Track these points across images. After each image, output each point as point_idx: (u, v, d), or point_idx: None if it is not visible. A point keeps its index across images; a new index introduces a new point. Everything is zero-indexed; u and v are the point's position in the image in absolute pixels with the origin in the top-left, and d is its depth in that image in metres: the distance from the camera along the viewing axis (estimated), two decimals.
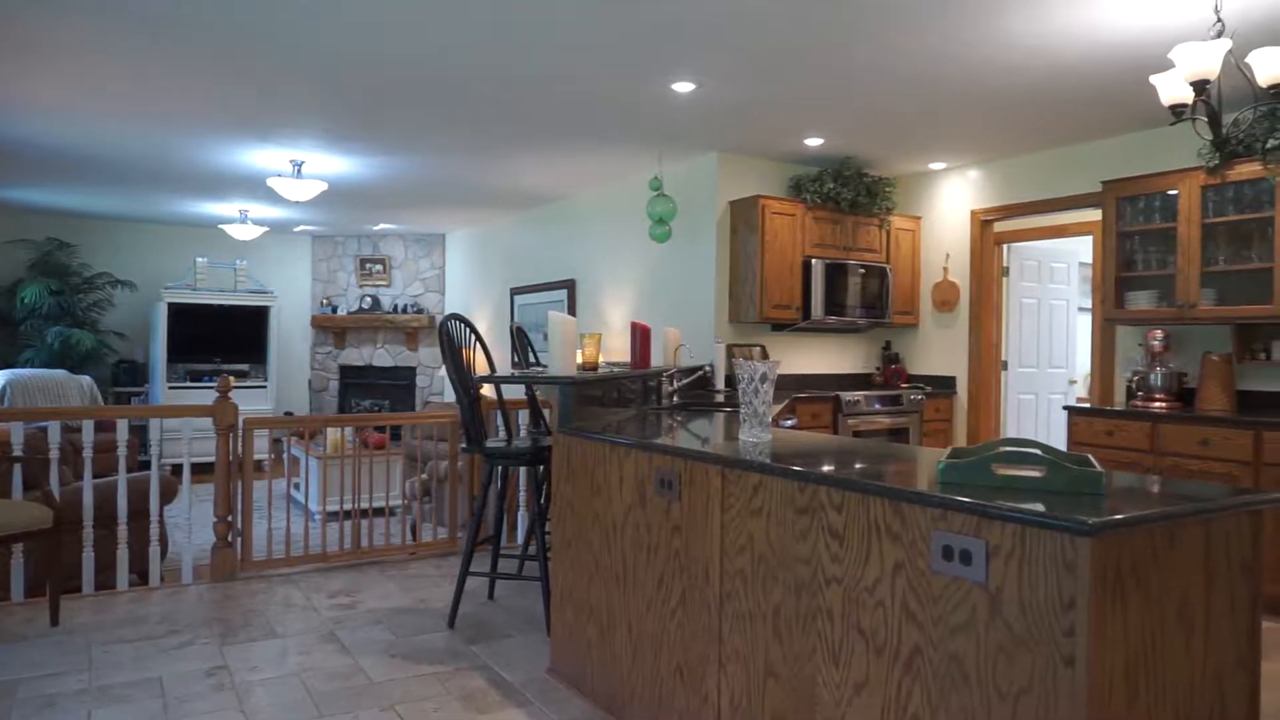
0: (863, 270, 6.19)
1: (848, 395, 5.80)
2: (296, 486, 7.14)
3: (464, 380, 3.75)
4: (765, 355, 6.05)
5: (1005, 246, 6.56)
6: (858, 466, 2.24)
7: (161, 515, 4.40)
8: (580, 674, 3.13)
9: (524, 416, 5.39)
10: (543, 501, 4.06)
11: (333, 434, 6.44)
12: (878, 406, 5.95)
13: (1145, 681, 1.67)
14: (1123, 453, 4.70)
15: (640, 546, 2.82)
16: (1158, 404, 4.83)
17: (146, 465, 5.56)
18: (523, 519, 5.19)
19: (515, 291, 8.93)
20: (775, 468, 2.25)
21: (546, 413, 4.41)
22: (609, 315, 7.30)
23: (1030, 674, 1.66)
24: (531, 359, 4.56)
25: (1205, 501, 1.78)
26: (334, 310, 10.38)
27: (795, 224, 5.97)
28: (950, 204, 6.49)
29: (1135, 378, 5.01)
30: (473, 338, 3.97)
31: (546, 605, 3.58)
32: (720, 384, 5.15)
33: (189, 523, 4.51)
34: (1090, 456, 1.96)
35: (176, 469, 5.73)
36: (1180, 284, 4.75)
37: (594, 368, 3.69)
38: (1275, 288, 4.37)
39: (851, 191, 6.11)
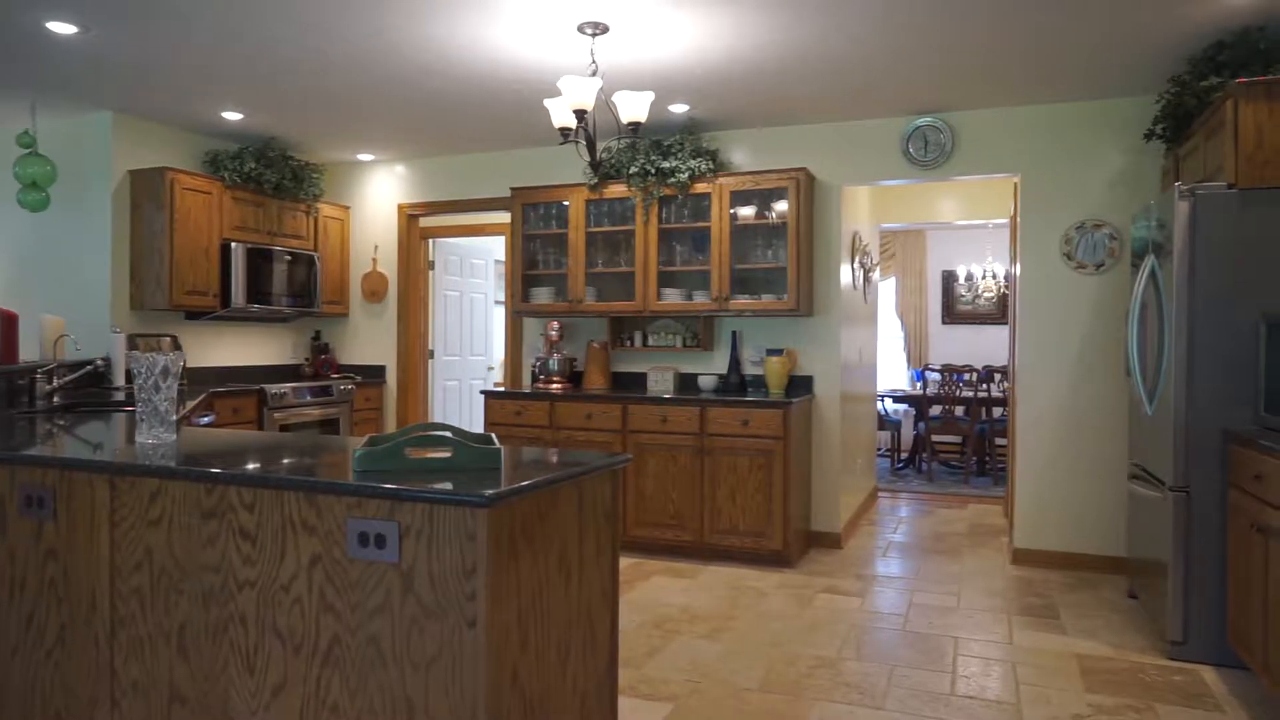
0: (289, 257, 5.95)
1: (273, 388, 5.52)
2: None
3: None
4: (177, 346, 5.44)
5: (431, 241, 6.93)
6: (276, 461, 2.15)
7: None
8: None
9: None
10: None
11: None
12: (307, 398, 5.79)
13: (534, 626, 1.93)
14: (529, 429, 5.33)
15: (1, 583, 2.32)
16: (555, 385, 5.58)
17: None
18: None
19: None
20: (176, 471, 2.04)
21: None
22: None
23: (440, 642, 1.78)
24: None
25: (578, 466, 2.11)
26: None
27: (212, 203, 5.47)
28: (378, 196, 6.60)
29: (538, 363, 5.71)
30: None
31: None
32: (120, 381, 4.52)
33: None
34: (494, 435, 2.18)
35: None
36: (571, 282, 5.55)
37: None
38: (637, 288, 5.37)
39: (276, 174, 5.82)
